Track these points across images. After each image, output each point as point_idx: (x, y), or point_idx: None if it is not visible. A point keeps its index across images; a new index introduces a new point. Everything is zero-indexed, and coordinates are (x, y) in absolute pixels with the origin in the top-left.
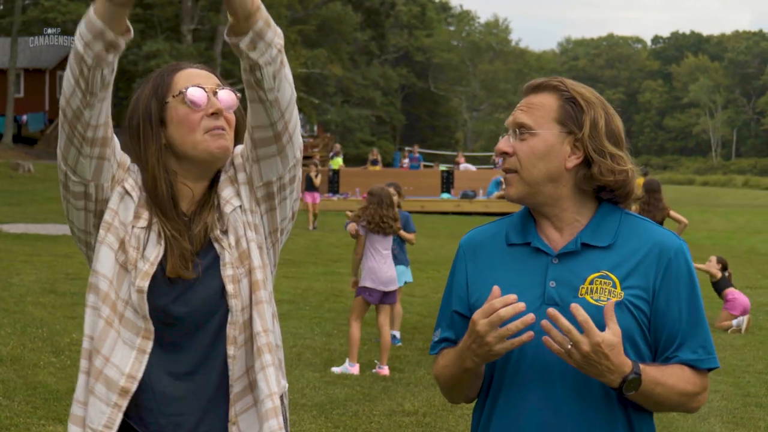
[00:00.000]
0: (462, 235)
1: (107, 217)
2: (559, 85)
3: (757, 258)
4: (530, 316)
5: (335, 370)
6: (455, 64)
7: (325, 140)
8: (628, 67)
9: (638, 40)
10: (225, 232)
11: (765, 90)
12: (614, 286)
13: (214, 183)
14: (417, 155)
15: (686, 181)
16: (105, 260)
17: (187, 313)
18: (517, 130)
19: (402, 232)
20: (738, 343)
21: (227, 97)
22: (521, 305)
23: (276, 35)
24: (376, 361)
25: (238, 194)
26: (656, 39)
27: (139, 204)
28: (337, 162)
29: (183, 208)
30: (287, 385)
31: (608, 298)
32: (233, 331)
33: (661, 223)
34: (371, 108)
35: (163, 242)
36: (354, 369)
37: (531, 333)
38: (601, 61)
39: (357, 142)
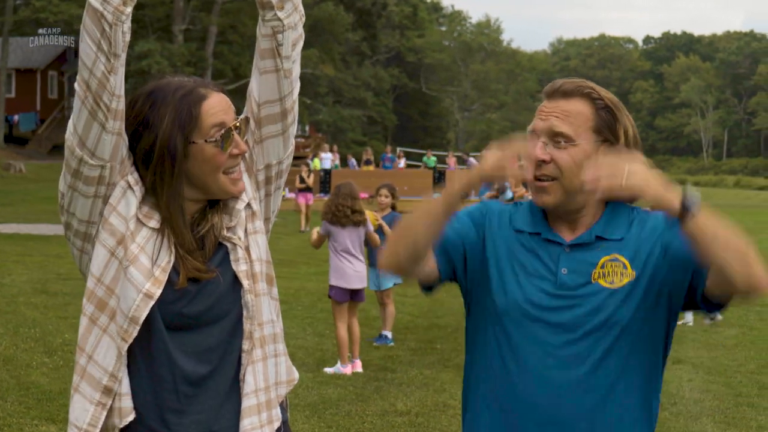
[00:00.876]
0: None
1: (105, 212)
2: (592, 92)
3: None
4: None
5: (327, 370)
6: (447, 64)
7: (317, 140)
8: (619, 67)
9: (630, 41)
10: (232, 228)
11: (756, 90)
12: (625, 267)
13: None
14: (389, 155)
15: (677, 181)
16: (97, 257)
17: (202, 312)
18: (554, 138)
19: (386, 228)
20: (729, 343)
21: (246, 131)
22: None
23: (300, 2)
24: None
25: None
26: (647, 39)
27: (150, 203)
28: (317, 163)
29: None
30: (296, 377)
31: (621, 279)
32: (249, 325)
33: None
34: (363, 108)
35: (173, 250)
36: (346, 369)
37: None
38: (592, 61)
39: (348, 143)
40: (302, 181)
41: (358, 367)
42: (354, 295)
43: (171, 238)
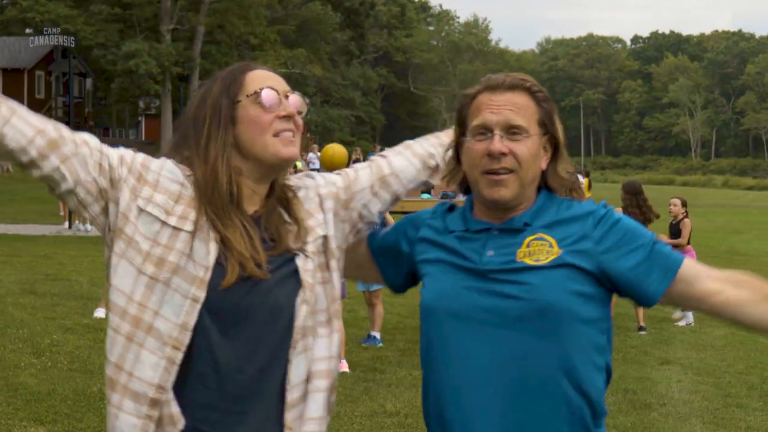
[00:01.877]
0: None
1: (127, 230)
2: (533, 86)
3: (737, 258)
4: None
5: None
6: (435, 64)
7: (305, 140)
8: (607, 67)
9: (618, 40)
10: (303, 250)
11: (744, 90)
12: (551, 246)
13: (272, 189)
14: (359, 158)
15: (666, 181)
16: (124, 275)
17: (258, 304)
18: (510, 130)
19: None
20: (718, 343)
21: (298, 101)
22: None
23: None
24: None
25: (326, 222)
26: (636, 39)
27: (186, 204)
28: (298, 164)
29: (248, 209)
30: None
31: (546, 257)
32: (297, 335)
33: (651, 222)
34: (351, 108)
35: (216, 245)
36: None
37: None
38: (580, 61)
39: (337, 142)
40: None
41: (345, 367)
42: None
43: (214, 232)
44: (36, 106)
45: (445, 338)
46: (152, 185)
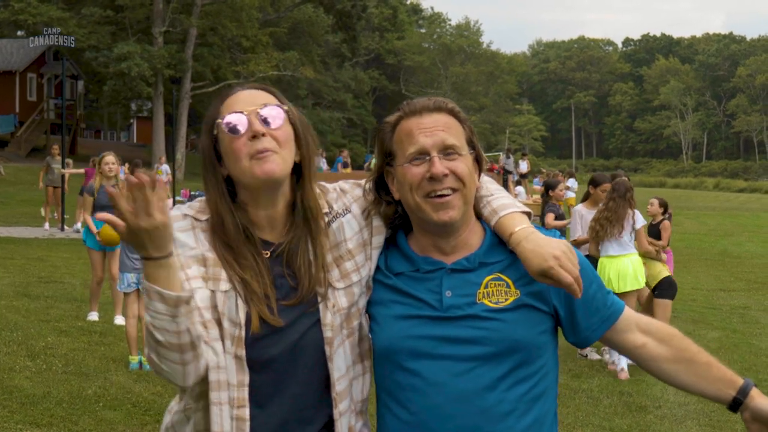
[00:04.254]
0: None
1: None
2: (455, 108)
3: (729, 261)
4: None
5: None
6: (426, 66)
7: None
8: (599, 69)
9: (609, 43)
10: (326, 298)
11: (735, 92)
12: (508, 286)
13: (296, 203)
14: (347, 161)
15: (657, 183)
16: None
17: (278, 355)
18: (446, 151)
19: None
20: (712, 346)
21: (271, 113)
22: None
23: None
24: None
25: (370, 259)
26: (627, 41)
27: (214, 265)
28: None
29: (269, 237)
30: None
31: (506, 298)
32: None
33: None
34: (342, 110)
35: (242, 295)
36: None
37: None
38: (572, 63)
39: (328, 145)
40: None
41: None
42: None
43: (236, 282)
44: (28, 108)
45: (406, 377)
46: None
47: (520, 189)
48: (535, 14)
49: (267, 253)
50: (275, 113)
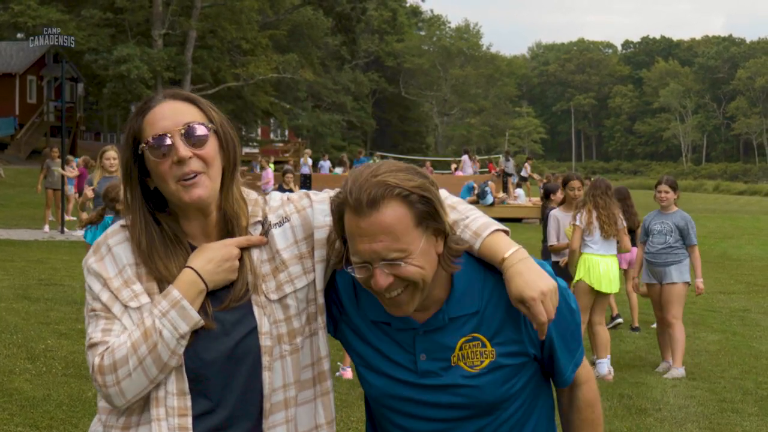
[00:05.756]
0: None
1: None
2: (397, 190)
3: (729, 263)
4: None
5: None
6: (426, 68)
7: (296, 145)
8: (598, 72)
9: (609, 45)
10: (268, 299)
11: (735, 95)
12: (484, 345)
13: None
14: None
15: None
16: None
17: (212, 362)
18: (389, 261)
19: None
20: (713, 348)
21: (195, 134)
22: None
23: None
24: (339, 363)
25: (309, 272)
26: (627, 44)
27: (147, 280)
28: (271, 165)
29: (199, 241)
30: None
31: (482, 361)
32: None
33: (633, 231)
34: (342, 113)
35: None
36: (346, 373)
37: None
38: (571, 66)
39: (328, 147)
40: (282, 191)
41: (349, 375)
42: None
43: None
44: (28, 110)
45: (392, 428)
46: (123, 283)
47: (519, 191)
48: (534, 17)
49: None
50: (200, 132)
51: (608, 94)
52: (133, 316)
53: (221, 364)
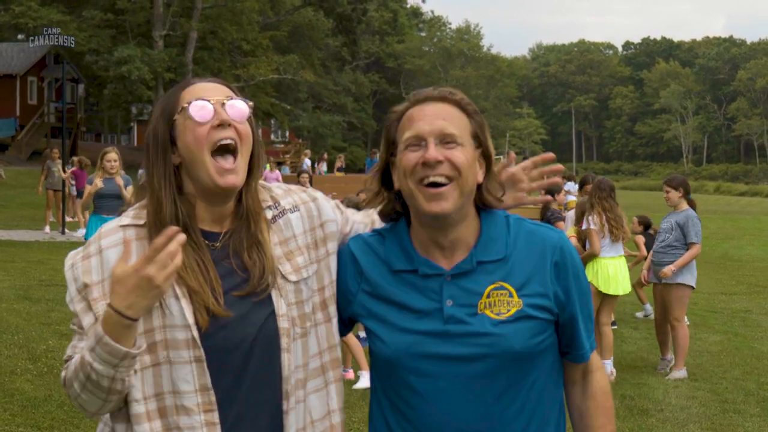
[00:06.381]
0: None
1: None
2: (462, 99)
3: (730, 264)
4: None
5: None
6: (427, 69)
7: (297, 146)
8: (599, 73)
9: (609, 46)
10: (285, 280)
11: (736, 96)
12: (511, 295)
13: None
14: (342, 165)
15: (657, 187)
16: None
17: (234, 348)
18: (444, 140)
19: None
20: (714, 349)
21: (237, 106)
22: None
23: None
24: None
25: (314, 263)
26: (627, 45)
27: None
28: (267, 166)
29: (213, 229)
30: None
31: (508, 309)
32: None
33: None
34: (343, 114)
35: (185, 297)
36: (359, 379)
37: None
38: (572, 67)
39: (329, 148)
40: None
41: (351, 376)
42: None
43: (180, 291)
44: (28, 111)
45: (407, 392)
46: (102, 296)
47: None
48: (535, 18)
49: (214, 245)
50: (241, 107)
51: (609, 95)
52: None
53: (243, 350)
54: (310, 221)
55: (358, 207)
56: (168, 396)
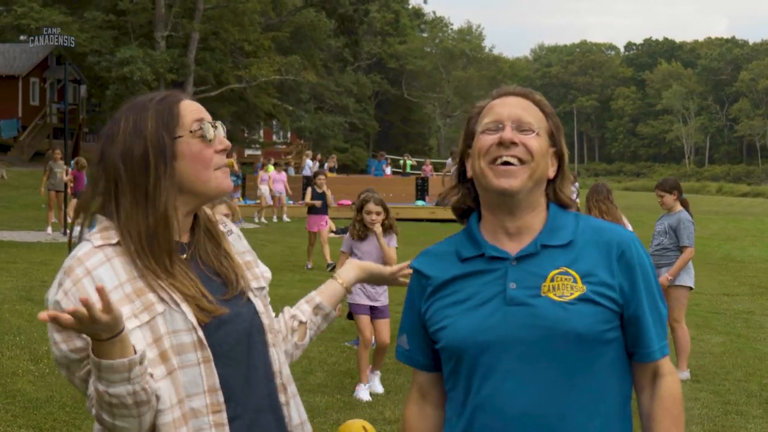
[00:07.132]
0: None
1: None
2: (541, 101)
3: (732, 265)
4: None
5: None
6: (428, 70)
7: (299, 147)
8: (601, 73)
9: (611, 47)
10: (252, 290)
11: (738, 97)
12: (575, 281)
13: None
14: (334, 166)
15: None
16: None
17: (235, 344)
18: (521, 126)
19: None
20: (717, 350)
21: (223, 132)
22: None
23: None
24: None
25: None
26: (629, 46)
27: (139, 294)
28: (270, 168)
29: (181, 240)
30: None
31: (571, 293)
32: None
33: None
34: (345, 115)
35: (182, 300)
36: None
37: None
38: (574, 67)
39: (331, 149)
40: (316, 195)
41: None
42: (374, 311)
43: (169, 288)
44: (31, 112)
45: (476, 370)
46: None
47: None
48: (537, 18)
49: (184, 256)
50: (224, 132)
51: (611, 95)
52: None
53: (244, 345)
54: (242, 244)
55: (383, 204)
56: (186, 401)
